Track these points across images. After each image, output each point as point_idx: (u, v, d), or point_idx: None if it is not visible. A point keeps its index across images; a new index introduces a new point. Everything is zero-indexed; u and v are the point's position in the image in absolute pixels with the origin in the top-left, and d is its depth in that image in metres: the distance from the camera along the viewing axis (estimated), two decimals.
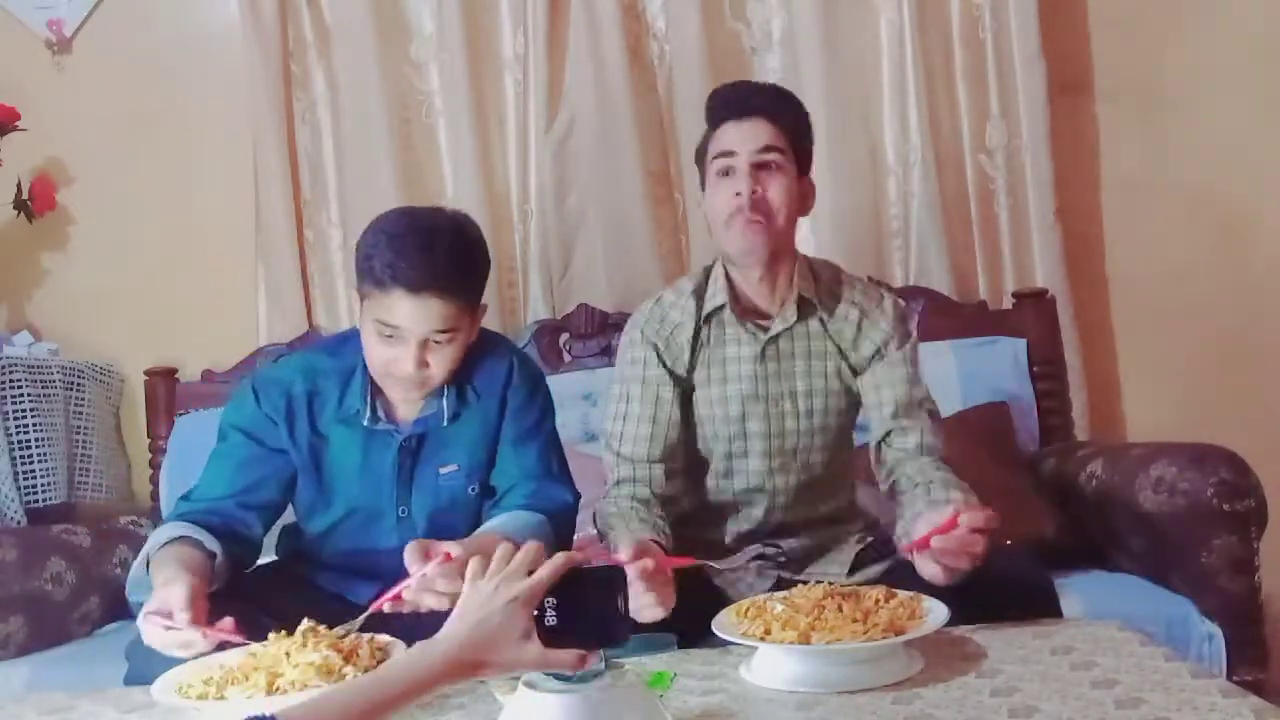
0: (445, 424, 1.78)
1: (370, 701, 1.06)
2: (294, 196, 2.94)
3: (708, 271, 1.92)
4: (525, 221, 2.93)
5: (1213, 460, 2.13)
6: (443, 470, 1.80)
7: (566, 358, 2.85)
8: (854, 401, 1.89)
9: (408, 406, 1.79)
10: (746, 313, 1.86)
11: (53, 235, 3.01)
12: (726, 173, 1.82)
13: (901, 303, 1.94)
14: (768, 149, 1.80)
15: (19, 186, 2.90)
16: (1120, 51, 2.92)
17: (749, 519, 1.88)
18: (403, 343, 1.67)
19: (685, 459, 1.88)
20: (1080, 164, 2.93)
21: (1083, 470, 2.40)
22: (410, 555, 1.50)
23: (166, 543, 1.64)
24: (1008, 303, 2.83)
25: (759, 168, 1.79)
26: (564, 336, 2.87)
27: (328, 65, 2.94)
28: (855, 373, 1.87)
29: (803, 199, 1.85)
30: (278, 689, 1.32)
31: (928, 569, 1.53)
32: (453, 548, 1.51)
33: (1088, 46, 2.94)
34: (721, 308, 1.85)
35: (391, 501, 1.79)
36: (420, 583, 1.48)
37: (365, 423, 1.77)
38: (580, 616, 1.12)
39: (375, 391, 1.78)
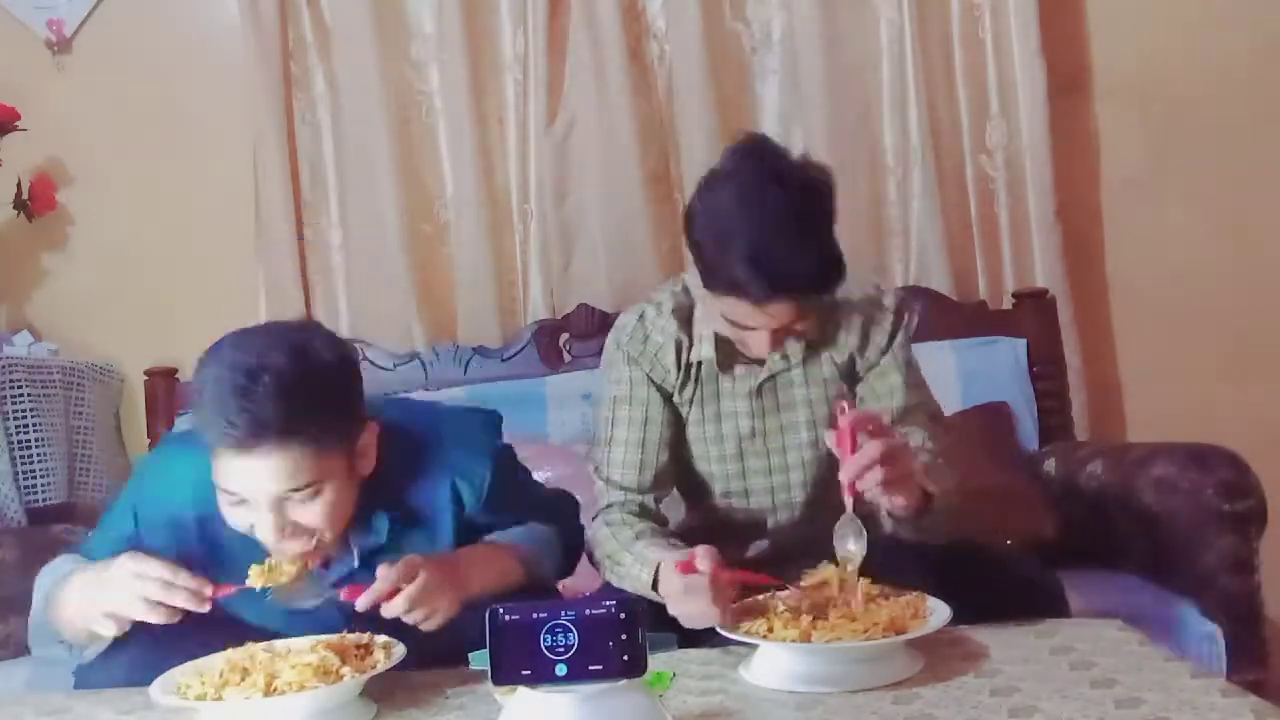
0: (375, 556, 1.51)
1: None
2: (294, 196, 2.94)
3: (688, 293, 1.77)
4: (525, 221, 2.93)
5: (1213, 460, 2.13)
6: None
7: (566, 358, 2.85)
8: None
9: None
10: (737, 356, 1.74)
11: (53, 235, 3.01)
12: (740, 328, 1.64)
13: (899, 292, 1.86)
14: (792, 324, 1.62)
15: (19, 186, 2.89)
16: (1120, 51, 2.91)
17: (755, 546, 1.83)
18: (256, 509, 1.42)
19: (683, 479, 1.82)
20: (1080, 164, 2.92)
21: (1083, 470, 2.40)
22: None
23: (78, 570, 1.51)
24: (1008, 303, 2.83)
25: (784, 327, 1.63)
26: (564, 336, 2.86)
27: (328, 65, 2.94)
28: (855, 378, 1.78)
29: None
30: (276, 689, 1.32)
31: (886, 505, 1.50)
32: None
33: (1088, 46, 2.93)
34: (709, 360, 1.74)
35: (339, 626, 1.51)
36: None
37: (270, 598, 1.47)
38: (600, 648, 1.11)
39: None
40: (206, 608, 1.41)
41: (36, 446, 2.63)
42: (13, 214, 2.91)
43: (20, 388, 2.62)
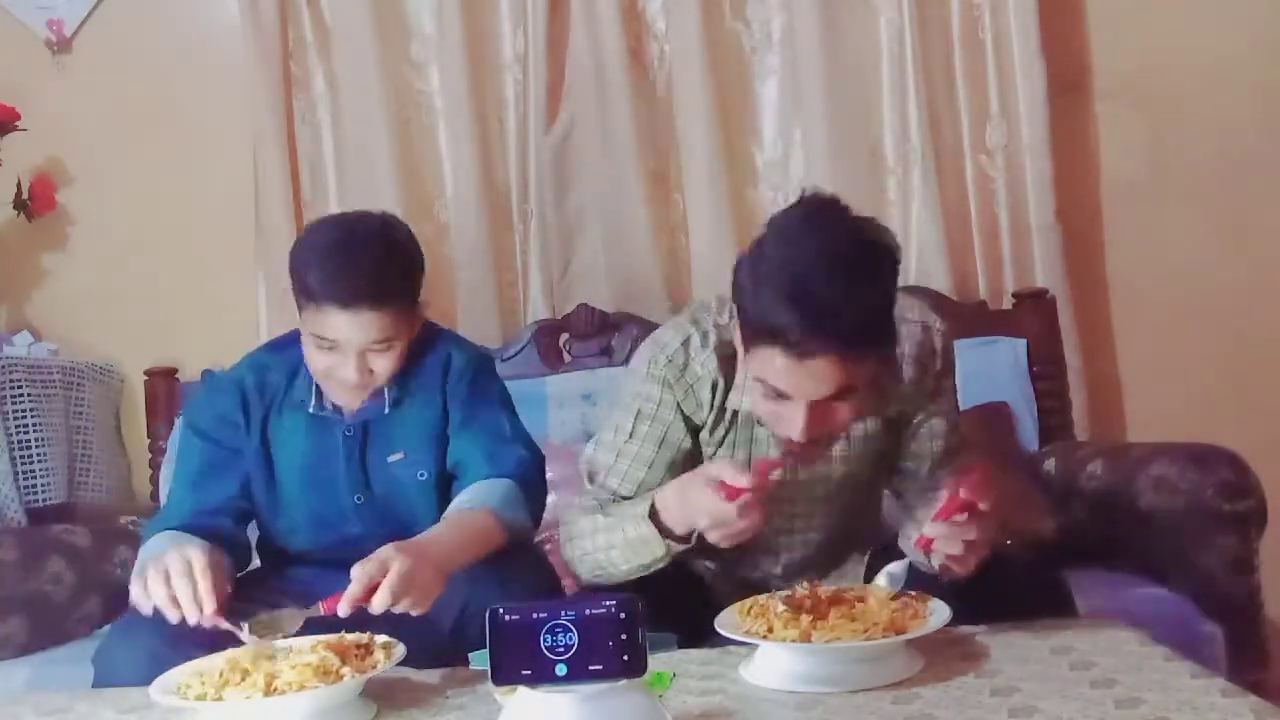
0: (386, 411, 1.80)
1: None
2: (294, 196, 2.94)
3: (731, 330, 1.62)
4: (525, 221, 2.93)
5: (1213, 460, 2.13)
6: (391, 458, 1.81)
7: (566, 358, 2.85)
8: (895, 445, 1.72)
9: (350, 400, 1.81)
10: None
11: (53, 235, 3.01)
12: (776, 398, 1.50)
13: (943, 328, 1.71)
14: (843, 391, 1.48)
15: (19, 186, 2.89)
16: (1120, 51, 2.91)
17: (764, 568, 1.80)
18: (341, 354, 1.70)
19: None
20: (1080, 164, 2.92)
21: (1083, 470, 2.40)
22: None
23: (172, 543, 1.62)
24: (1008, 303, 2.83)
25: (823, 404, 1.49)
26: (564, 336, 2.86)
27: (328, 65, 2.94)
28: (902, 423, 1.69)
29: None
30: (276, 689, 1.32)
31: (937, 566, 1.50)
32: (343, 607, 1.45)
33: (1087, 46, 2.93)
34: (749, 411, 1.63)
35: (347, 489, 1.81)
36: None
37: (311, 410, 1.80)
38: (600, 648, 1.11)
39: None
40: (193, 620, 1.46)
41: (36, 446, 2.63)
42: (13, 214, 2.91)
43: (20, 388, 2.62)
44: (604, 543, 1.63)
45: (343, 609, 1.43)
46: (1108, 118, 2.93)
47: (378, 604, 1.43)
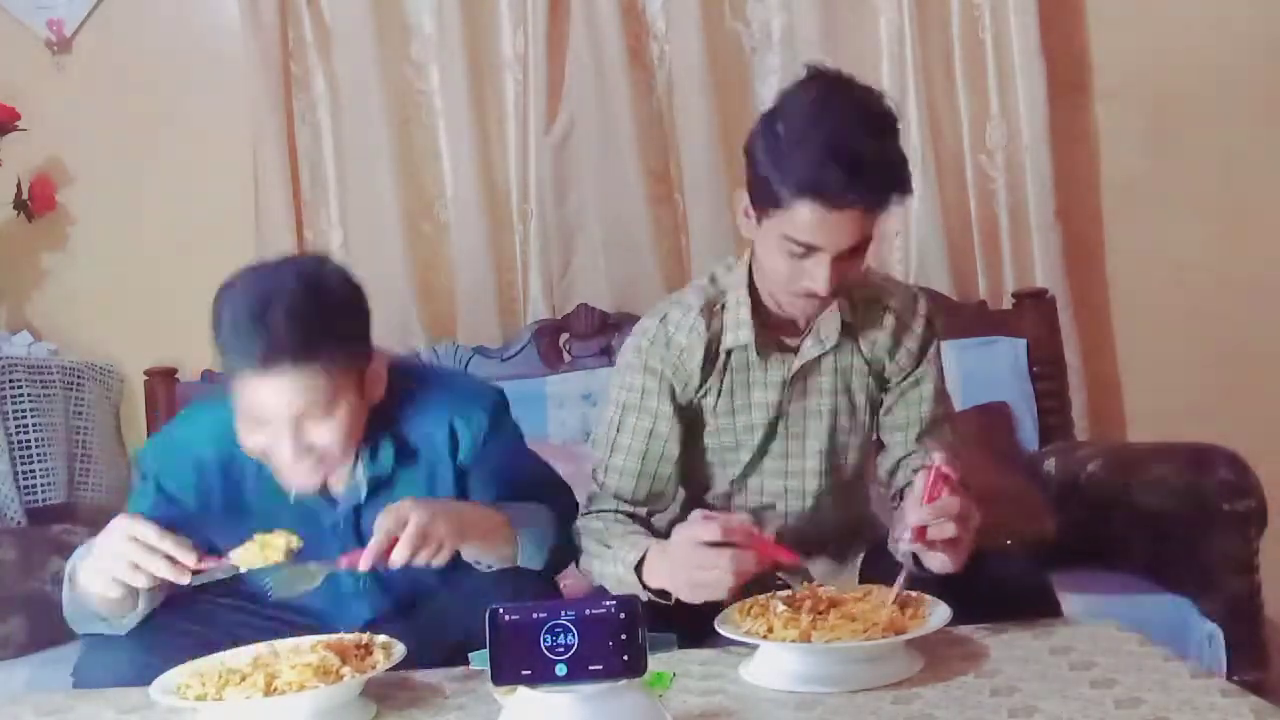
0: (364, 499, 1.58)
1: None
2: (294, 196, 2.94)
3: (715, 283, 1.74)
4: (525, 221, 2.93)
5: (1213, 460, 2.13)
6: None
7: (566, 358, 2.85)
8: (879, 398, 1.80)
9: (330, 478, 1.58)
10: (773, 342, 1.73)
11: (53, 235, 3.01)
12: (802, 254, 1.58)
13: (933, 302, 1.84)
14: (856, 247, 1.58)
15: (19, 186, 2.90)
16: (1120, 51, 2.91)
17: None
18: (272, 430, 1.46)
19: (685, 486, 1.80)
20: (1080, 164, 2.93)
21: (1083, 470, 2.40)
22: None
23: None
24: (1008, 303, 2.83)
25: (842, 257, 1.58)
26: (564, 336, 2.87)
27: (328, 65, 2.94)
28: (884, 383, 1.78)
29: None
30: (276, 689, 1.32)
31: (934, 561, 1.49)
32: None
33: (1087, 46, 2.93)
34: (744, 345, 1.71)
35: (348, 576, 1.58)
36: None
37: (291, 498, 1.56)
38: (600, 648, 1.11)
39: None
40: (185, 579, 1.42)
41: (36, 446, 2.63)
42: (13, 214, 2.91)
43: (20, 388, 2.62)
44: (598, 570, 1.66)
45: (364, 563, 1.42)
46: (1108, 118, 2.93)
47: (397, 558, 1.42)
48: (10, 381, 2.61)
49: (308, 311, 1.43)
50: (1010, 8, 2.82)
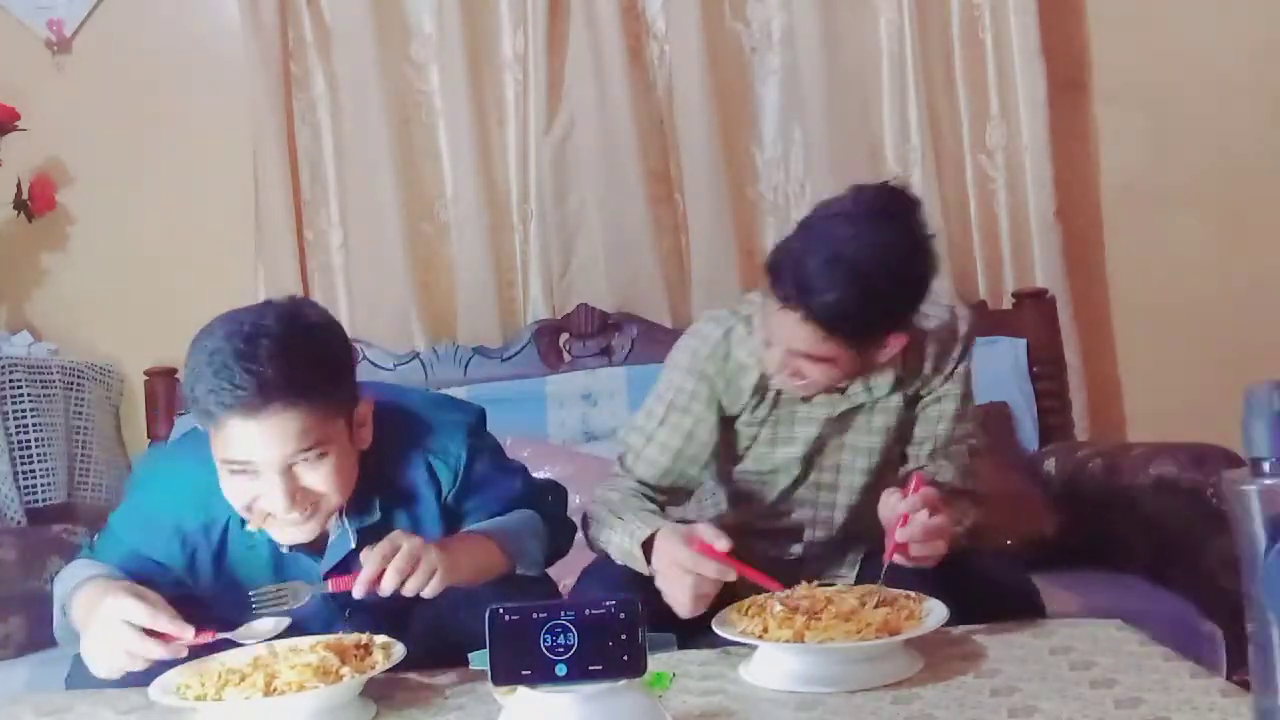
0: (353, 545, 1.52)
1: None
2: (294, 196, 2.94)
3: None
4: (525, 221, 2.93)
5: (1213, 460, 2.13)
6: None
7: (566, 358, 2.85)
8: (910, 423, 1.79)
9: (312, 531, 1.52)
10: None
11: (53, 235, 3.01)
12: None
13: (971, 316, 1.82)
14: (826, 357, 1.59)
15: (19, 186, 2.90)
16: (1120, 51, 2.91)
17: (788, 550, 1.83)
18: (264, 478, 1.41)
19: (731, 483, 1.82)
20: (1080, 164, 2.93)
21: (1083, 470, 2.40)
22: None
23: (87, 579, 1.48)
24: (1008, 303, 2.83)
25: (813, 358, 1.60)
26: (564, 336, 2.86)
27: (328, 65, 2.94)
28: (915, 402, 1.76)
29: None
30: (276, 689, 1.32)
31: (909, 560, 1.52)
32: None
33: (1088, 46, 2.93)
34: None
35: (335, 614, 1.56)
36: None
37: (277, 550, 1.52)
38: (600, 648, 1.12)
39: None
40: (183, 654, 1.39)
41: (36, 446, 2.63)
42: (13, 214, 2.91)
43: (20, 388, 2.62)
44: (604, 538, 1.68)
45: (358, 591, 1.41)
46: (1108, 118, 2.93)
47: (387, 584, 1.41)
48: (10, 381, 2.61)
49: (295, 349, 1.38)
50: (1010, 8, 2.82)
